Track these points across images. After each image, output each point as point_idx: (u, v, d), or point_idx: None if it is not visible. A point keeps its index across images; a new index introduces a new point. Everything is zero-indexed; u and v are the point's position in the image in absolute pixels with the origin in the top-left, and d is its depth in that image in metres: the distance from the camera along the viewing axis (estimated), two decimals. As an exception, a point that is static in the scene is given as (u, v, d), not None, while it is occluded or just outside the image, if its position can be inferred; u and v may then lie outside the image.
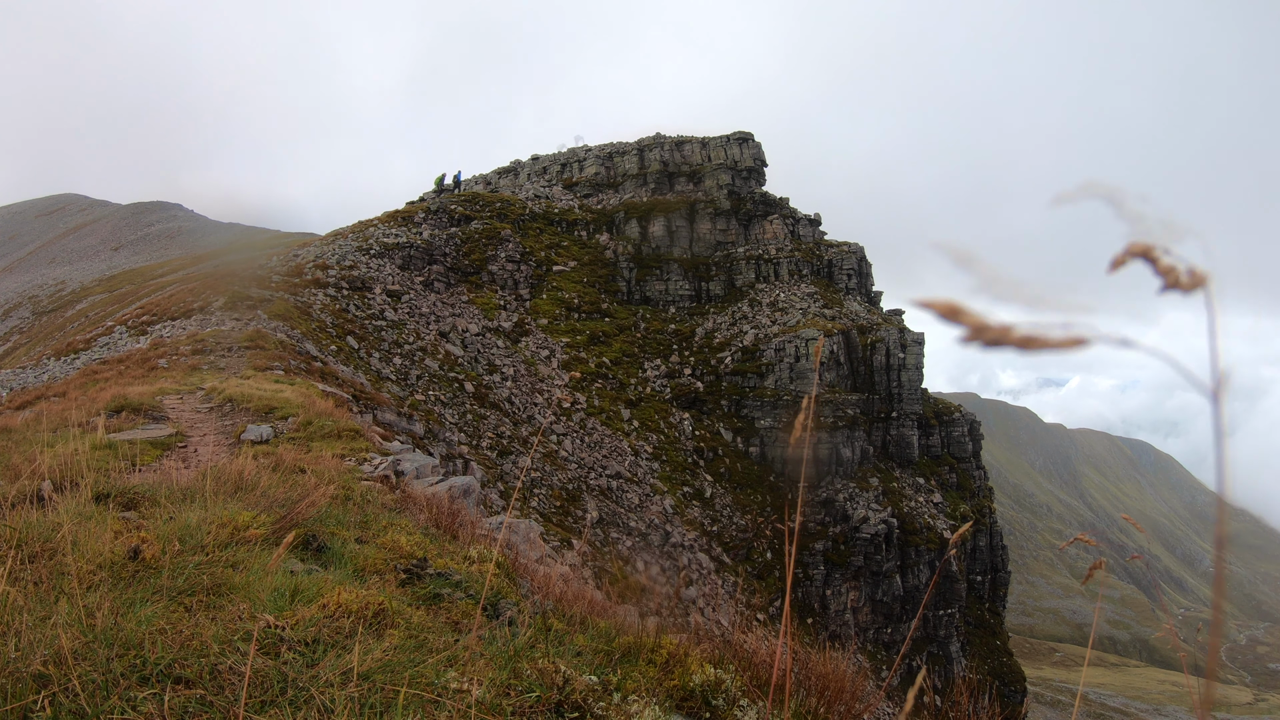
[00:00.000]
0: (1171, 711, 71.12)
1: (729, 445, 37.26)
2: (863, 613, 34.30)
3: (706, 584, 28.28)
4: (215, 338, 18.59)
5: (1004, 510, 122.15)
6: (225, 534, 3.44)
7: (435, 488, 6.68)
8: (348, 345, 26.52)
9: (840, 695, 3.04)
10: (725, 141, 50.50)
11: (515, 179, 54.66)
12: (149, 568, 2.89)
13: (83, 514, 3.52)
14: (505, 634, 2.95)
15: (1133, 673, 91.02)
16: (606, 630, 3.26)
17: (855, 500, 35.73)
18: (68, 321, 43.67)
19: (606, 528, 27.60)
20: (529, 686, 2.44)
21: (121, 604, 2.52)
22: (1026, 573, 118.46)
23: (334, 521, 4.29)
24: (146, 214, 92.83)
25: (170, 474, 4.84)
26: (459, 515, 5.22)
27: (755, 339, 40.01)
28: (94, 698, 1.96)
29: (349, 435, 7.88)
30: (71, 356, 20.56)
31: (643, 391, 37.73)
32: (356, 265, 34.16)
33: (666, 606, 4.19)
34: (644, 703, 2.54)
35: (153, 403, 9.03)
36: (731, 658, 3.17)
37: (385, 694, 2.19)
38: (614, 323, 41.28)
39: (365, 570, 3.48)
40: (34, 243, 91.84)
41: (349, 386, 16.83)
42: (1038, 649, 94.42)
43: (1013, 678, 38.33)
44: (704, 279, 45.05)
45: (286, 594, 2.87)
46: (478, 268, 39.75)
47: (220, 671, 2.16)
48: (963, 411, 44.26)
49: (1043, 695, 65.47)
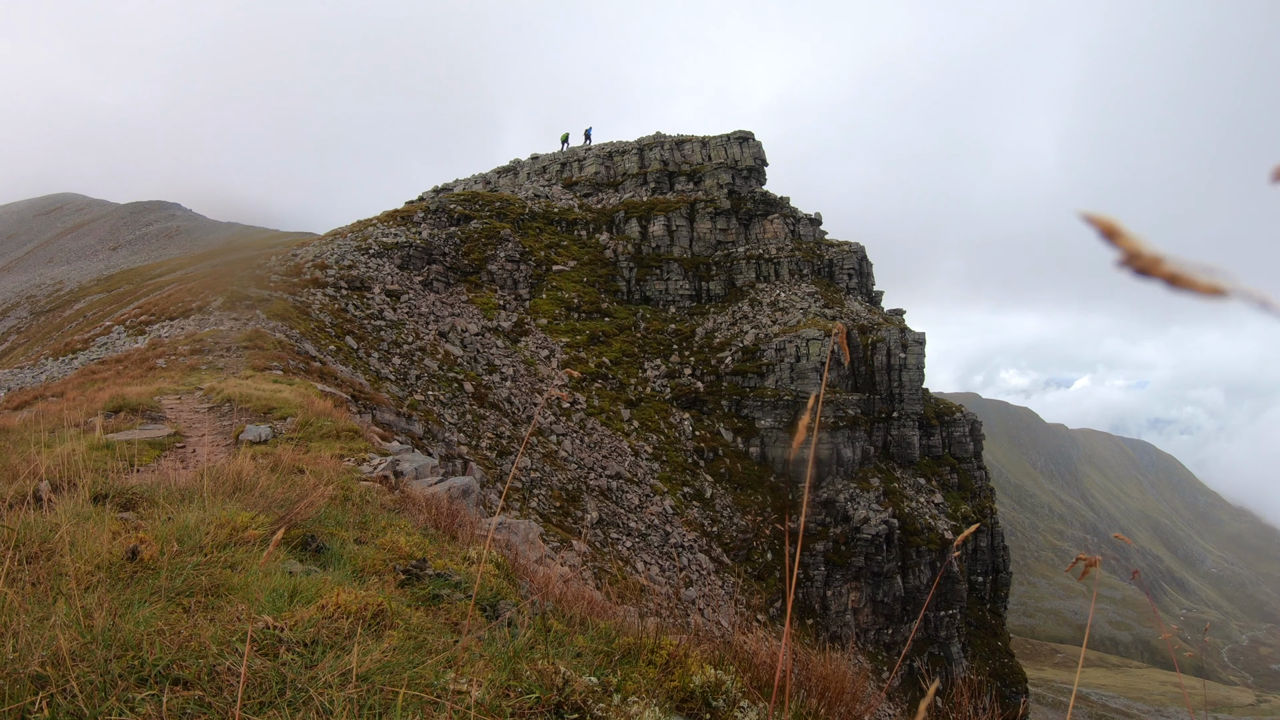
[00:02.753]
0: (1173, 713, 71.10)
1: (729, 445, 37.24)
2: (863, 613, 34.29)
3: (706, 585, 28.27)
4: (214, 338, 18.59)
5: (1005, 511, 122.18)
6: (224, 535, 3.43)
7: (434, 488, 6.67)
8: (346, 345, 26.52)
9: (841, 696, 3.03)
10: (725, 141, 50.49)
11: (515, 178, 54.65)
12: (147, 568, 2.88)
13: (81, 514, 3.51)
14: (505, 635, 2.94)
15: (1134, 674, 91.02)
16: (606, 631, 3.25)
17: (856, 501, 35.72)
18: (66, 321, 43.67)
19: (606, 528, 27.59)
20: (528, 688, 2.43)
21: (120, 605, 2.51)
22: (1028, 573, 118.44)
23: (333, 522, 4.28)
24: (145, 213, 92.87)
25: (168, 474, 4.83)
26: (458, 516, 5.21)
27: (755, 339, 40.01)
28: (92, 699, 1.96)
29: (348, 435, 7.87)
30: (69, 356, 20.56)
31: (643, 391, 37.72)
32: (355, 265, 34.16)
33: (666, 607, 4.18)
34: (644, 704, 2.53)
35: (151, 403, 9.02)
36: (732, 659, 3.16)
37: (384, 695, 2.18)
38: (614, 322, 41.28)
39: (364, 571, 3.47)
40: (32, 242, 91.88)
41: (348, 386, 16.83)
42: (1039, 650, 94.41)
43: (1014, 679, 38.31)
44: (704, 279, 45.04)
45: (285, 595, 2.86)
46: (477, 267, 39.74)
47: (218, 672, 2.15)
48: (964, 412, 44.24)
49: (1044, 696, 65.41)
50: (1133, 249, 0.63)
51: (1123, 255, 0.63)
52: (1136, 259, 0.63)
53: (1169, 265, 0.62)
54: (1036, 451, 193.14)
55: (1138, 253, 0.63)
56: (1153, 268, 0.62)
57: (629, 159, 51.49)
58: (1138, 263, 0.63)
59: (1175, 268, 0.62)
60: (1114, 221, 0.64)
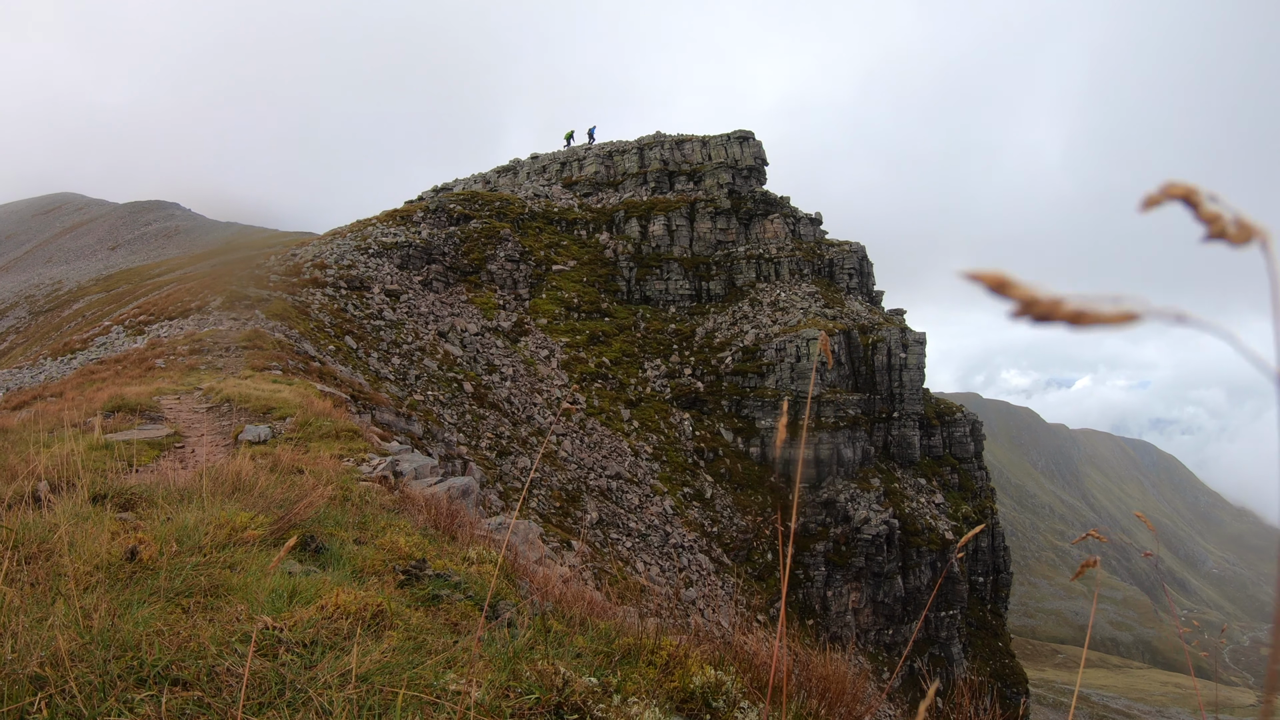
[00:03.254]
0: (1174, 714, 71.07)
1: (729, 446, 37.23)
2: (864, 614, 34.28)
3: (706, 585, 28.25)
4: (213, 337, 18.58)
5: (1006, 511, 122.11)
6: (223, 535, 3.42)
7: (434, 488, 6.66)
8: (346, 345, 26.51)
9: (841, 697, 3.02)
10: (726, 140, 50.47)
11: (514, 178, 54.63)
12: (146, 569, 2.87)
13: (80, 515, 3.51)
14: (504, 635, 2.94)
15: (1135, 674, 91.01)
16: (606, 631, 3.24)
17: (856, 501, 35.70)
18: (64, 321, 43.68)
19: (606, 528, 27.58)
20: (528, 688, 2.43)
21: (119, 605, 2.50)
22: (1029, 574, 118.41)
23: (332, 522, 4.27)
24: (144, 213, 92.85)
25: (167, 474, 4.82)
26: (458, 516, 5.21)
27: (756, 339, 39.99)
28: (91, 699, 1.95)
29: (347, 435, 7.86)
30: (68, 356, 20.56)
31: (643, 391, 37.71)
32: (355, 264, 34.16)
33: (666, 608, 4.17)
34: (644, 704, 2.52)
35: (150, 403, 9.01)
36: (732, 659, 3.15)
37: (384, 696, 2.18)
38: (614, 322, 41.27)
39: (364, 571, 3.47)
40: (30, 242, 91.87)
41: (347, 386, 16.82)
42: (1040, 650, 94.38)
43: (1015, 679, 38.30)
44: (704, 278, 45.03)
45: (284, 595, 2.86)
46: (476, 267, 39.73)
47: (218, 673, 2.14)
48: (964, 412, 44.22)
49: (1045, 697, 65.41)
50: (1027, 297, 0.60)
51: (1017, 307, 0.60)
52: (1034, 306, 0.60)
53: (1070, 305, 0.59)
54: (1037, 452, 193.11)
55: (1033, 300, 0.60)
56: (1053, 312, 0.60)
57: (629, 158, 51.48)
58: (1036, 310, 0.60)
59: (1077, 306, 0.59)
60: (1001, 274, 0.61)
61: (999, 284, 0.61)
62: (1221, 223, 0.62)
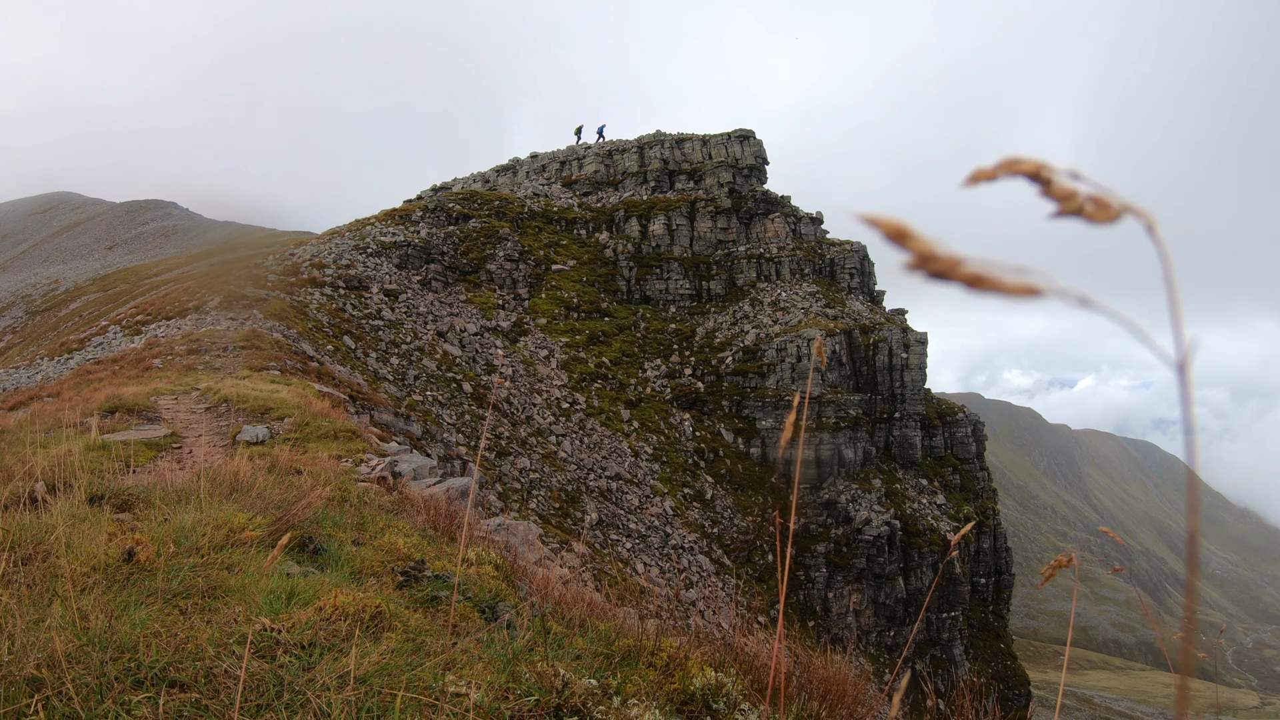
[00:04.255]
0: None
1: (730, 446, 37.21)
2: (865, 615, 34.25)
3: (707, 586, 28.24)
4: (210, 337, 18.57)
5: (1008, 512, 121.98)
6: (221, 536, 3.41)
7: (433, 489, 6.65)
8: (344, 345, 26.50)
9: (842, 699, 3.01)
10: (726, 139, 50.45)
11: (514, 177, 54.62)
12: (143, 570, 2.86)
13: (77, 516, 3.50)
14: (504, 637, 2.92)
15: (1138, 676, 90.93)
16: (606, 633, 3.23)
17: (858, 502, 35.68)
18: (61, 321, 43.68)
19: (606, 529, 27.56)
20: (528, 690, 2.41)
21: (116, 607, 2.49)
22: (1031, 575, 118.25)
23: (330, 523, 4.25)
24: (141, 212, 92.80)
25: (165, 475, 4.81)
26: (456, 517, 5.19)
27: (756, 339, 39.97)
28: (88, 701, 1.94)
29: (346, 436, 7.85)
30: (65, 356, 20.55)
31: (643, 392, 37.69)
32: (353, 264, 34.15)
33: (666, 609, 4.16)
34: (644, 706, 2.51)
35: (147, 403, 9.00)
36: (732, 661, 3.14)
37: (382, 698, 2.17)
38: (614, 322, 41.25)
39: (362, 572, 3.45)
40: (27, 241, 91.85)
41: (346, 387, 16.81)
42: (1042, 652, 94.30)
43: (1016, 681, 38.27)
44: (704, 278, 45.00)
45: (283, 596, 2.84)
46: (476, 267, 39.72)
47: (215, 675, 2.13)
48: (966, 412, 44.19)
49: (1047, 699, 65.33)
50: (925, 251, 0.58)
51: (913, 259, 0.58)
52: (931, 261, 0.58)
53: (969, 267, 0.58)
54: (1039, 452, 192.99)
55: (931, 255, 0.58)
56: (951, 270, 0.58)
57: (629, 157, 51.47)
58: (933, 265, 0.58)
59: (976, 269, 0.57)
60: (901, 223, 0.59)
61: (897, 233, 0.59)
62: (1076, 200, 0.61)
